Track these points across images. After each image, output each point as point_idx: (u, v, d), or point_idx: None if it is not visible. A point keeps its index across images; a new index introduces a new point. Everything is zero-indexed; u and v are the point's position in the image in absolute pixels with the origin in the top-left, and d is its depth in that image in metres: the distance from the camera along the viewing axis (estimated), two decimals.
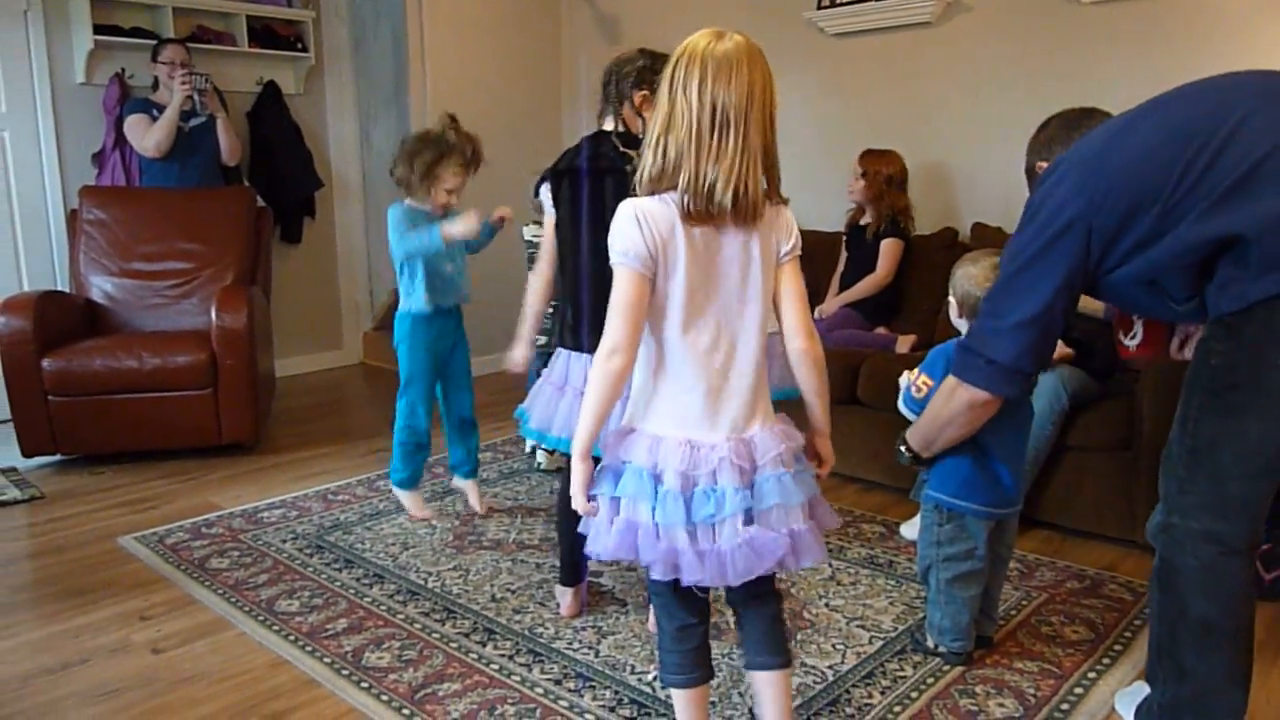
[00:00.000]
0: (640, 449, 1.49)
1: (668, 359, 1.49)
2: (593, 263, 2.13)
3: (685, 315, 1.46)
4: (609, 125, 2.19)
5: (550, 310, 2.62)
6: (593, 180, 2.14)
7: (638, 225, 1.42)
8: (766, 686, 1.64)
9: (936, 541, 2.09)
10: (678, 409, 1.49)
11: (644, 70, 2.15)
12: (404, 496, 3.08)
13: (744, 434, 1.50)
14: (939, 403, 1.93)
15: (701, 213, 1.41)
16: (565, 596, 2.39)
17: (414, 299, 2.90)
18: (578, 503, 1.51)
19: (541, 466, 3.57)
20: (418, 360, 2.97)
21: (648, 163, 1.43)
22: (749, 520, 1.46)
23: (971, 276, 2.01)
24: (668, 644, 1.62)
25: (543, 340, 3.48)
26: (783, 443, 1.51)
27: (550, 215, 2.25)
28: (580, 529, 1.56)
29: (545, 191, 2.26)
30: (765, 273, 1.49)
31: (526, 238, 3.70)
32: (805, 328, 1.54)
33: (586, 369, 2.03)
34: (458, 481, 3.17)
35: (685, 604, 1.59)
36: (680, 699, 1.64)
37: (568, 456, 2.02)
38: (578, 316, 2.17)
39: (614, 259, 1.44)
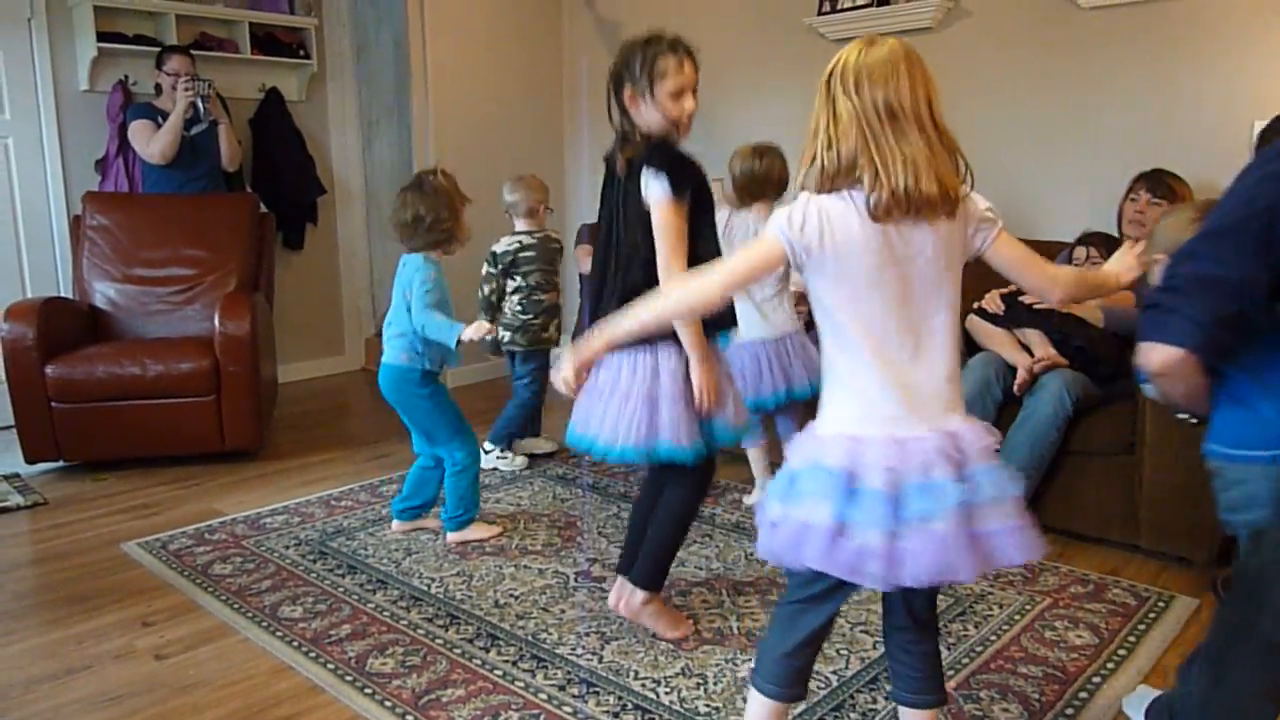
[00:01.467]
0: (835, 450, 1.43)
1: (853, 356, 1.45)
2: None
3: (869, 309, 1.43)
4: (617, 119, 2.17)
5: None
6: (608, 175, 2.20)
7: (805, 217, 1.42)
8: None
9: None
10: (867, 407, 1.45)
11: (625, 66, 2.10)
12: (476, 528, 2.97)
13: (945, 427, 1.44)
14: None
15: (890, 208, 1.38)
16: (616, 581, 2.36)
17: (419, 357, 2.80)
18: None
19: (499, 470, 3.65)
20: (450, 404, 2.90)
21: (821, 163, 1.42)
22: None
23: (1178, 226, 1.80)
24: (778, 655, 1.57)
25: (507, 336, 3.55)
26: (987, 436, 1.46)
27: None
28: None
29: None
30: (956, 264, 1.47)
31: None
32: (1050, 280, 1.56)
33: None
34: (404, 525, 3.05)
35: (819, 614, 1.54)
36: (762, 708, 1.59)
37: (625, 476, 2.07)
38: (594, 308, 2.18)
39: (770, 229, 1.45)
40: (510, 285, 3.61)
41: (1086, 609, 2.45)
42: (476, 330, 2.69)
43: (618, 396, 2.08)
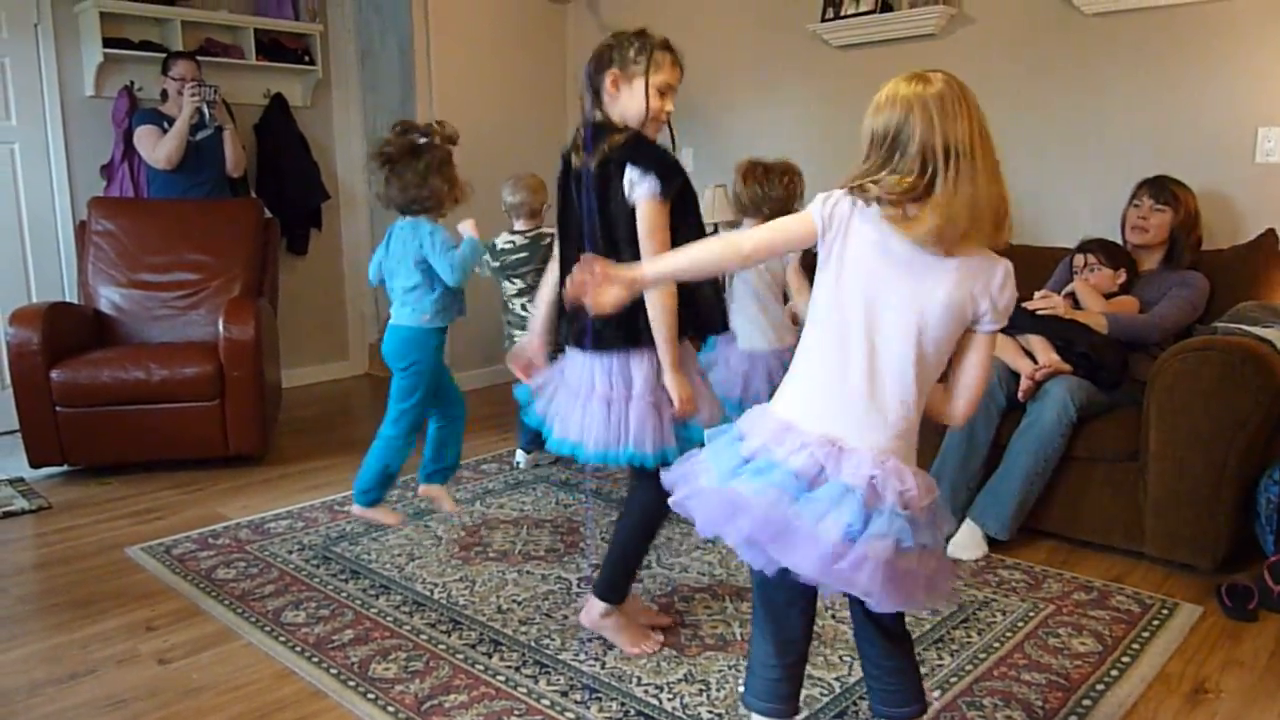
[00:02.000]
0: (766, 428, 1.47)
1: (817, 351, 1.48)
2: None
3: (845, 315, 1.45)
4: (592, 113, 2.11)
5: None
6: (571, 169, 2.12)
7: (839, 201, 1.46)
8: None
9: None
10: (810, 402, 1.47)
11: (611, 50, 2.05)
12: (378, 512, 2.89)
13: (881, 459, 1.39)
14: None
15: (926, 239, 1.39)
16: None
17: (450, 311, 2.78)
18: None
19: (520, 466, 3.68)
20: (433, 376, 2.84)
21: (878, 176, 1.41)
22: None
23: None
24: (757, 667, 1.57)
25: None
26: (905, 484, 1.39)
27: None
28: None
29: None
30: (954, 316, 1.43)
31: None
32: (949, 411, 1.52)
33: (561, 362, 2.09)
34: (433, 489, 2.99)
35: (786, 622, 1.53)
36: None
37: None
38: (562, 306, 2.12)
39: (809, 206, 1.49)
40: (511, 288, 3.61)
41: (1090, 616, 2.45)
42: (470, 225, 2.80)
43: (595, 401, 2.05)
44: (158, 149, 4.17)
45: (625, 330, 2.00)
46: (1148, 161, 3.31)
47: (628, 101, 2.03)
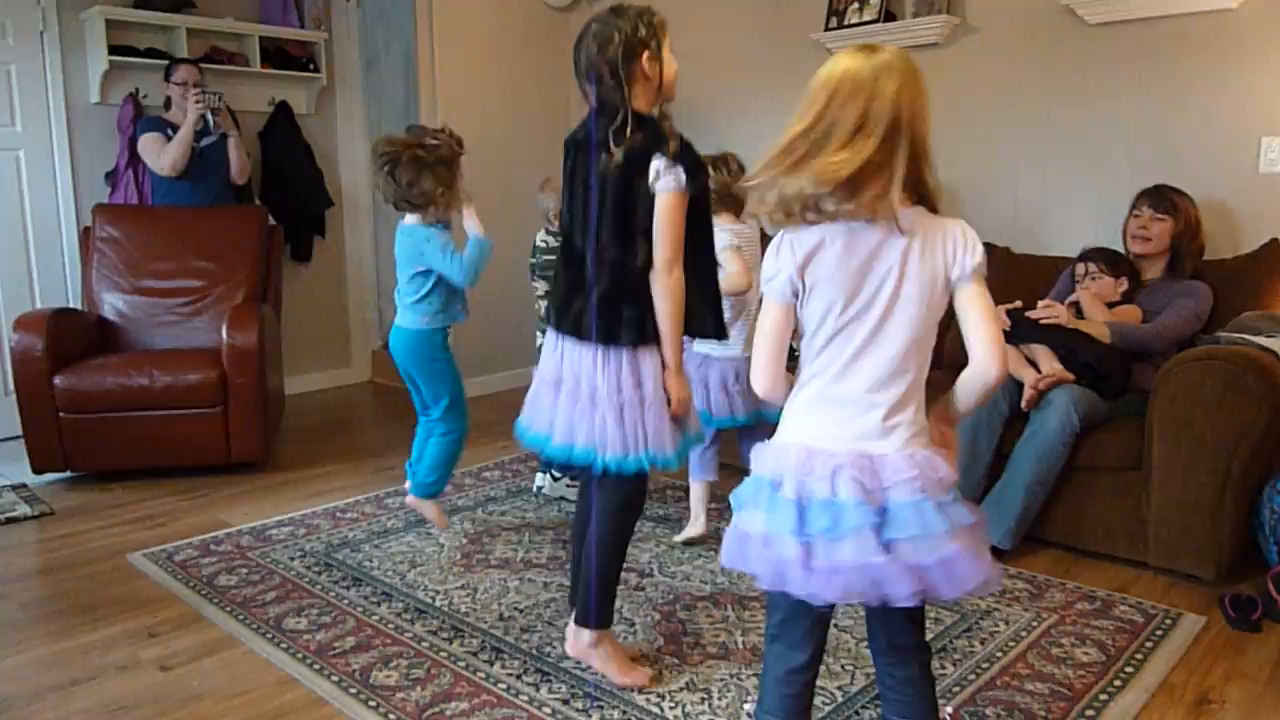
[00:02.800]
0: (770, 459, 1.47)
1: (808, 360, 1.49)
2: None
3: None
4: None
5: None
6: (581, 156, 2.04)
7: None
8: None
9: None
10: (800, 418, 1.50)
11: (635, 27, 1.96)
12: (432, 506, 3.00)
13: (867, 450, 1.41)
14: None
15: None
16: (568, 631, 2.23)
17: (448, 313, 2.83)
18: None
19: (543, 491, 3.51)
20: (452, 368, 2.91)
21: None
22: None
23: None
24: (770, 683, 1.55)
25: None
26: (918, 469, 1.39)
27: None
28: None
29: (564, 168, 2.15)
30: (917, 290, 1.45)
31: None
32: None
33: (551, 349, 2.05)
34: (422, 503, 3.02)
35: (806, 640, 1.51)
36: None
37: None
38: (555, 289, 2.11)
39: None
40: (540, 288, 3.56)
41: (1094, 626, 2.44)
42: (474, 217, 2.81)
43: (605, 406, 1.98)
44: (162, 156, 4.18)
45: (636, 326, 1.96)
46: (1151, 171, 3.31)
47: (650, 86, 1.97)
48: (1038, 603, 2.58)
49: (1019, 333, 2.95)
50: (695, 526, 2.99)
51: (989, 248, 3.85)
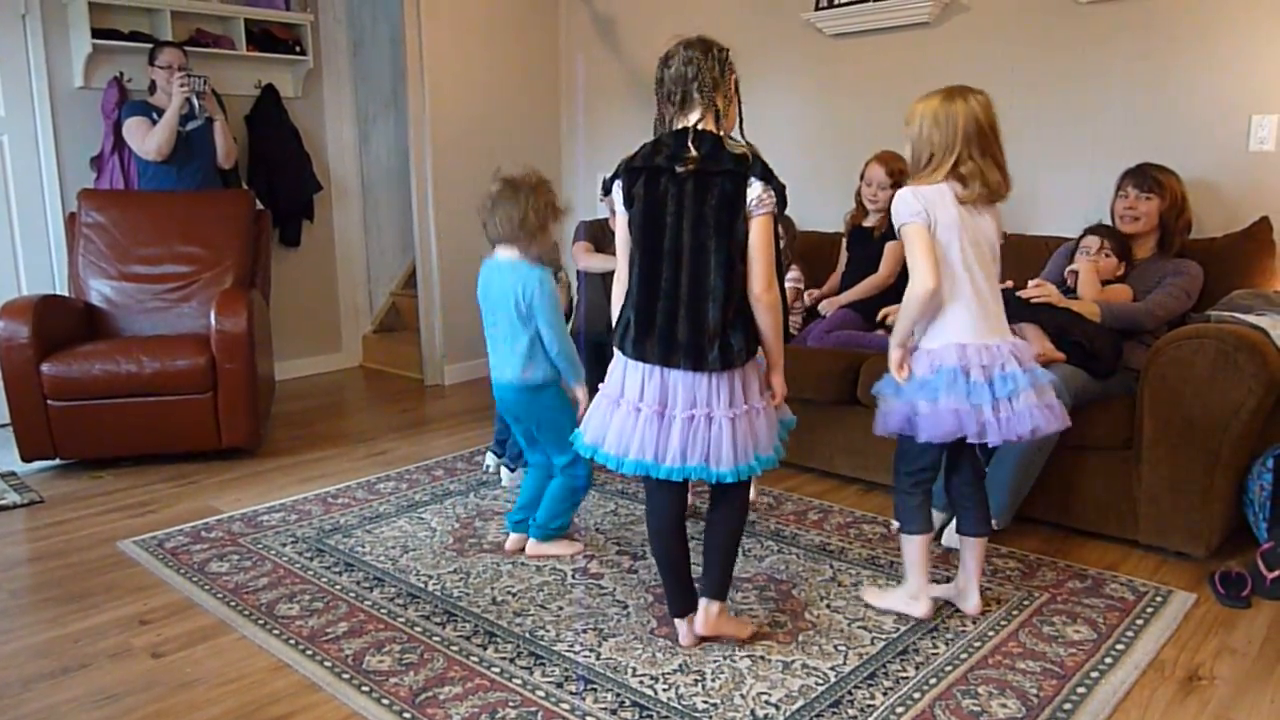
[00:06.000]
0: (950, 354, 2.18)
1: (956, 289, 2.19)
2: (684, 259, 2.04)
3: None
4: (692, 118, 2.04)
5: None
6: (666, 179, 2.03)
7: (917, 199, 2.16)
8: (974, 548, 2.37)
9: None
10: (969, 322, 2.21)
11: (727, 54, 2.07)
12: (561, 544, 2.83)
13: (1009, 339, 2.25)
14: None
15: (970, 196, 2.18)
16: (680, 628, 2.25)
17: (545, 367, 2.65)
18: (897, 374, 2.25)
19: (503, 484, 3.43)
20: (569, 408, 2.72)
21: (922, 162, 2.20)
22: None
23: None
24: (907, 508, 2.33)
25: None
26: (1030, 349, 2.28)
27: (623, 215, 2.11)
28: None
29: (617, 190, 2.12)
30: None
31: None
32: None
33: (645, 380, 2.05)
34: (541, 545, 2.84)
35: (933, 463, 2.33)
36: (909, 544, 2.34)
37: (647, 477, 2.09)
38: (646, 323, 2.06)
39: (906, 220, 2.16)
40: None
41: (1085, 604, 2.45)
42: (583, 399, 2.63)
43: (720, 419, 2.04)
44: (147, 140, 4.14)
45: (746, 350, 2.05)
46: (1140, 150, 3.30)
47: (733, 109, 2.09)
48: (1029, 581, 2.59)
49: (1009, 312, 2.93)
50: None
51: None
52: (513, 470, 3.41)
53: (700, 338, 2.00)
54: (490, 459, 3.57)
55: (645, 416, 2.06)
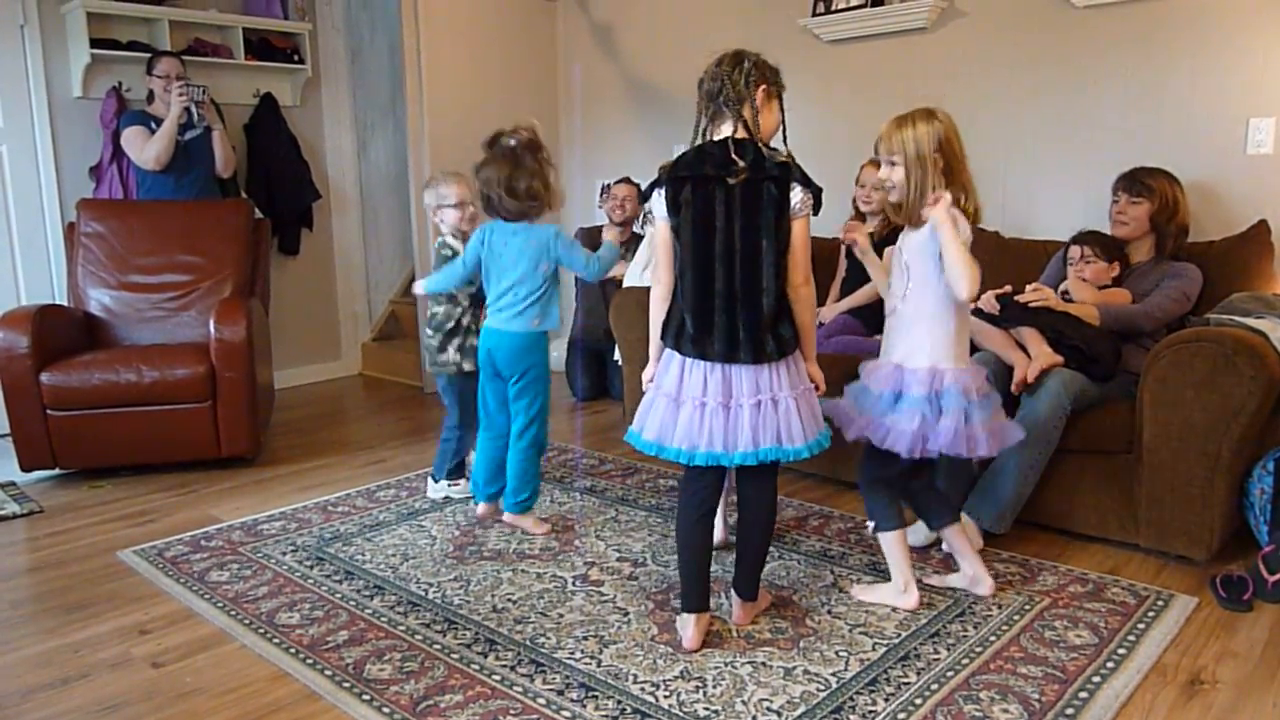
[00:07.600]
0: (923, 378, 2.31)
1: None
2: (728, 266, 2.15)
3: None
4: (726, 130, 2.16)
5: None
6: (714, 186, 2.13)
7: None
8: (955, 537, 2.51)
9: None
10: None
11: (758, 66, 2.19)
12: (531, 519, 3.02)
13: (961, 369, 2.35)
14: None
15: None
16: (688, 627, 2.28)
17: (553, 317, 2.86)
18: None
19: (453, 499, 3.36)
20: (546, 384, 2.93)
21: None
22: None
23: None
24: (877, 509, 2.44)
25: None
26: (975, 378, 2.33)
27: (665, 222, 2.20)
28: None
29: (658, 197, 2.20)
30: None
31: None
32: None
33: (707, 376, 2.15)
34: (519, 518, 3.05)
35: (894, 467, 2.39)
36: (886, 540, 2.45)
37: (689, 468, 2.19)
38: (704, 323, 2.16)
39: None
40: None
41: (1086, 608, 2.45)
42: (613, 238, 2.98)
43: (785, 402, 2.19)
44: (146, 150, 4.15)
45: (794, 339, 2.20)
46: (1138, 154, 3.31)
47: (768, 116, 2.21)
48: (1030, 586, 2.59)
49: (1008, 316, 2.95)
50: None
51: (978, 232, 3.88)
52: (437, 482, 3.38)
53: (757, 331, 2.14)
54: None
55: (711, 410, 2.17)
